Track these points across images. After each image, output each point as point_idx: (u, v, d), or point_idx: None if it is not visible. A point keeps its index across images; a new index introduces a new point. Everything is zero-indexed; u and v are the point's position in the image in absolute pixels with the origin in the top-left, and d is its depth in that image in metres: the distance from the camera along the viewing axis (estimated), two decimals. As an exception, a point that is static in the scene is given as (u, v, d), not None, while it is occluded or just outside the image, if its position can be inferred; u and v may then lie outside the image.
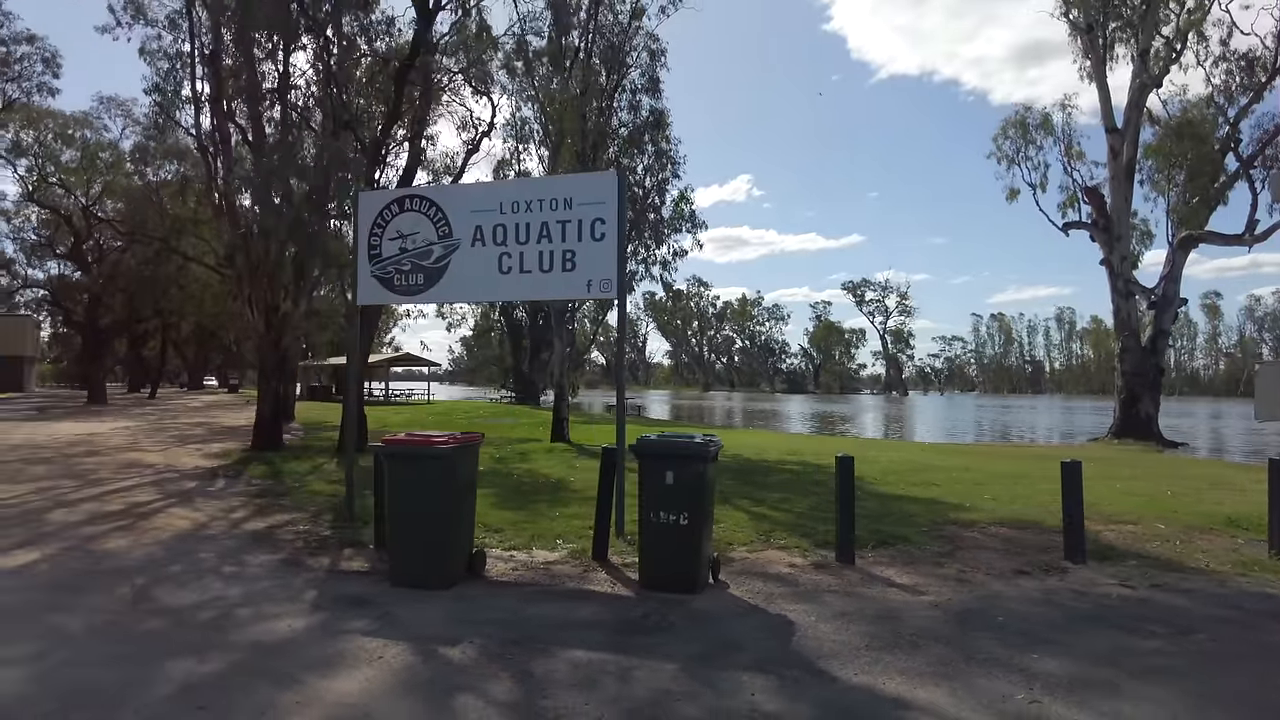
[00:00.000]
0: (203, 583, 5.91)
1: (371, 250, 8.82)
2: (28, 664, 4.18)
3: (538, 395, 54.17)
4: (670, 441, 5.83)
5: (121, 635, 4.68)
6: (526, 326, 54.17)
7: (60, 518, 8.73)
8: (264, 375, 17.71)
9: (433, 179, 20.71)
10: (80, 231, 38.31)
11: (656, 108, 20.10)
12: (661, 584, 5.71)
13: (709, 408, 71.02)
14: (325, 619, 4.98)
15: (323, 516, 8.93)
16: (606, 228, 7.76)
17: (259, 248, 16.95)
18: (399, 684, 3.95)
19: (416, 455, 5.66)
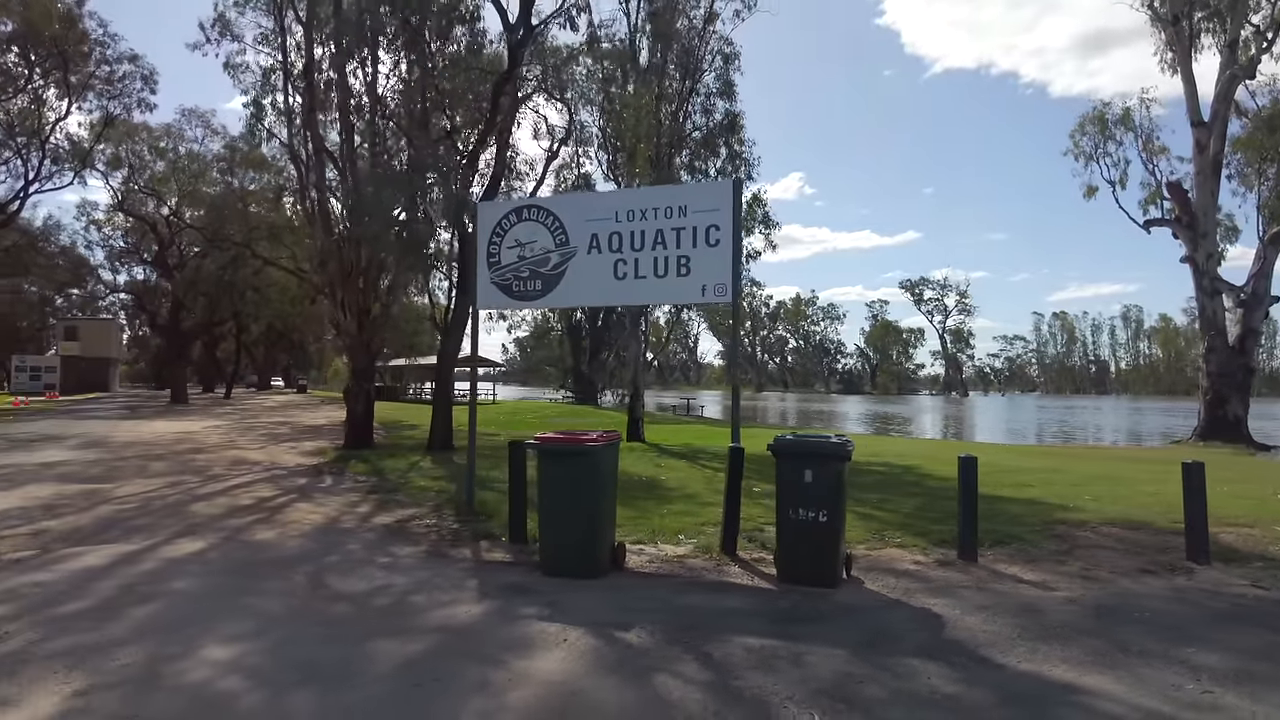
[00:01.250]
0: (364, 572, 6.33)
1: (490, 258, 9.24)
2: (252, 640, 4.60)
3: (596, 395, 54.78)
4: (809, 441, 6.08)
5: (318, 618, 5.10)
6: (585, 328, 54.82)
7: (201, 510, 9.33)
8: (356, 376, 18.37)
9: (512, 185, 21.22)
10: (164, 238, 39.94)
11: (731, 110, 20.30)
12: (800, 578, 5.95)
13: (766, 408, 70.88)
14: (498, 606, 5.33)
15: (443, 511, 9.36)
16: (721, 233, 8.01)
17: (352, 254, 17.63)
18: (594, 664, 4.27)
19: (569, 453, 6.01)
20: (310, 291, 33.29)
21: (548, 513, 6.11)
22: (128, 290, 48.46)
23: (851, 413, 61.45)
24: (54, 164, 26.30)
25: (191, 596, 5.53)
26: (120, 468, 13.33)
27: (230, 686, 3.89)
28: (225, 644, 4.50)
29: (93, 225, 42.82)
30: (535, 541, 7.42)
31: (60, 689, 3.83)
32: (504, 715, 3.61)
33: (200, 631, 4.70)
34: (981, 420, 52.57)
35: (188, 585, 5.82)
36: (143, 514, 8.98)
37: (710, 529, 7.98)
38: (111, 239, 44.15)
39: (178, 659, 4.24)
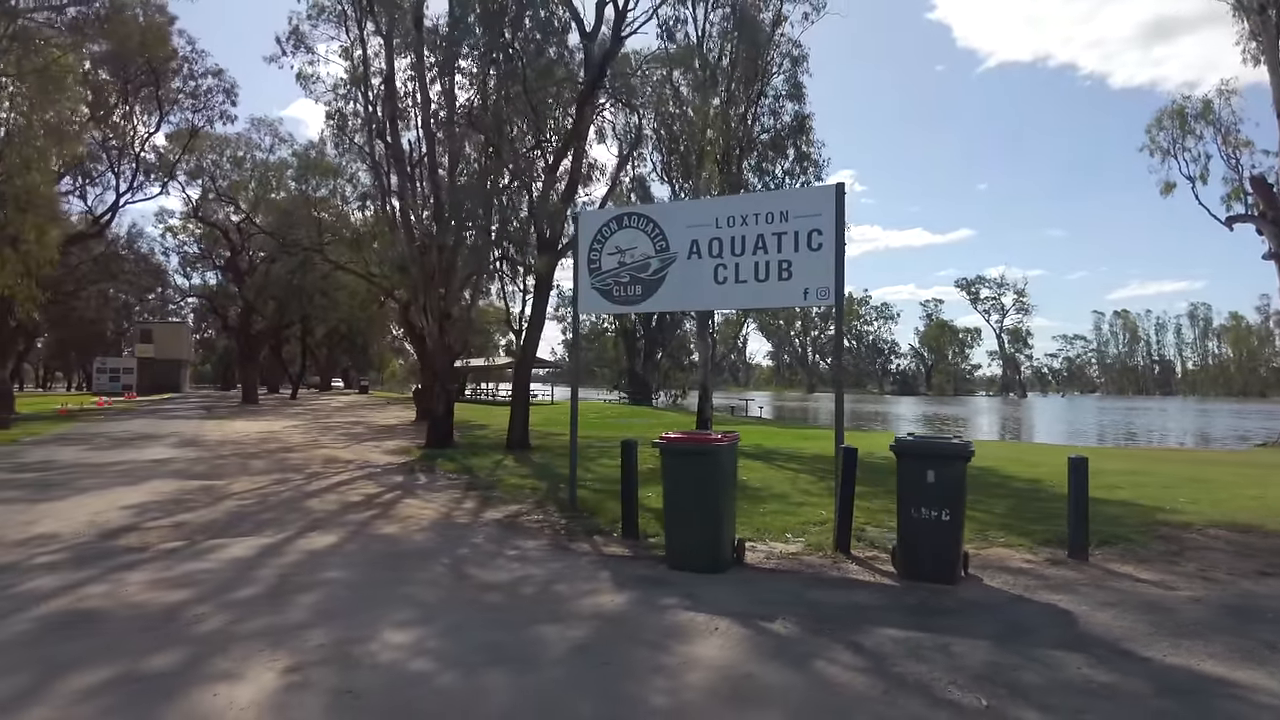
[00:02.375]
0: (499, 564, 6.67)
1: (591, 264, 9.56)
2: (423, 625, 4.94)
3: (650, 396, 55.07)
4: (931, 442, 6.25)
5: (476, 605, 5.43)
6: (640, 330, 55.15)
7: (318, 506, 9.81)
8: (438, 377, 18.90)
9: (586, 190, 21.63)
10: (235, 244, 41.30)
11: (800, 113, 20.41)
12: (921, 575, 6.11)
13: (818, 409, 70.39)
14: (638, 596, 5.61)
15: (545, 507, 9.69)
16: (824, 238, 8.18)
17: (434, 259, 18.16)
18: (753, 651, 4.52)
19: (696, 452, 6.27)
20: (379, 295, 34.15)
21: (674, 509, 6.37)
22: (200, 295, 50.21)
23: (909, 414, 60.70)
24: (144, 176, 27.55)
25: (348, 585, 5.91)
26: (223, 465, 13.98)
27: (423, 667, 4.21)
28: (401, 629, 4.85)
29: (168, 232, 44.44)
30: (648, 537, 7.75)
31: (272, 665, 4.20)
32: (688, 693, 3.88)
33: (373, 618, 5.06)
34: (1045, 422, 51.56)
35: (339, 575, 6.21)
36: (265, 509, 9.48)
37: (814, 528, 8.18)
38: (185, 245, 45.78)
39: (364, 641, 4.59)
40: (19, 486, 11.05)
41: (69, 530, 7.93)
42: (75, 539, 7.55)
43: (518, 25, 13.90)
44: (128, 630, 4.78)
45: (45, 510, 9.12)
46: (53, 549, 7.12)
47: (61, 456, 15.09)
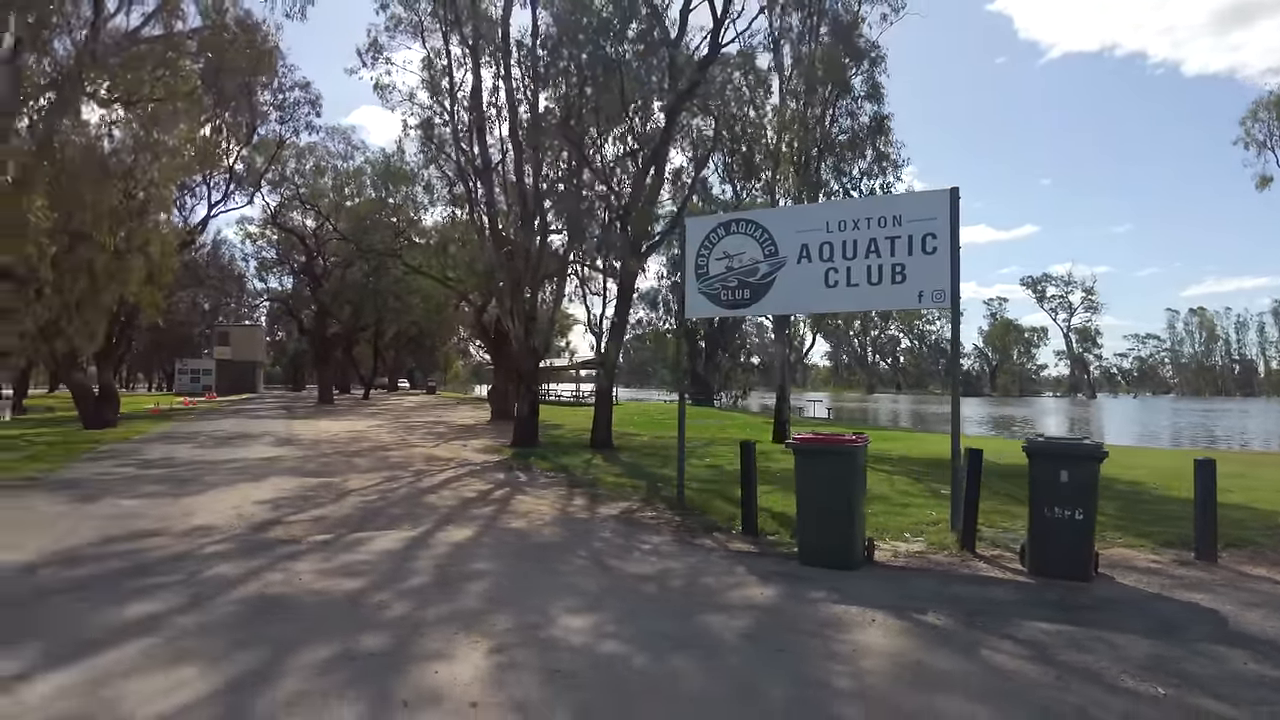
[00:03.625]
0: (635, 556, 6.99)
1: (699, 269, 9.83)
2: (594, 612, 5.27)
3: (712, 396, 55.20)
4: (1065, 443, 6.36)
5: (634, 595, 5.74)
6: (701, 330, 55.30)
7: (438, 501, 10.27)
8: (521, 378, 19.40)
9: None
10: (312, 249, 42.65)
11: (879, 113, 20.38)
12: (1053, 573, 6.23)
13: (878, 410, 69.57)
14: (785, 589, 5.86)
15: (653, 504, 9.99)
16: (938, 242, 8.31)
17: (520, 264, 18.66)
18: (917, 640, 4.73)
19: (832, 452, 6.49)
20: (454, 298, 34.97)
21: (808, 508, 6.60)
22: (277, 299, 51.99)
23: (975, 415, 59.60)
24: (236, 186, 28.80)
25: (504, 575, 6.27)
26: (330, 463, 14.62)
27: (614, 649, 4.53)
28: (574, 615, 5.18)
29: (247, 238, 46.11)
30: (768, 535, 7.98)
31: (474, 646, 4.56)
32: (869, 678, 4.12)
33: (543, 604, 5.40)
34: (1122, 423, 50.11)
35: (491, 566, 6.59)
36: (390, 505, 9.97)
37: (929, 528, 8.32)
38: (263, 250, 47.45)
39: (546, 626, 4.93)
40: (156, 481, 11.77)
41: (221, 523, 8.49)
42: (230, 531, 8.09)
43: (621, 39, 14.28)
44: (323, 615, 5.19)
45: (190, 504, 9.74)
46: (215, 539, 7.66)
47: (178, 454, 15.94)
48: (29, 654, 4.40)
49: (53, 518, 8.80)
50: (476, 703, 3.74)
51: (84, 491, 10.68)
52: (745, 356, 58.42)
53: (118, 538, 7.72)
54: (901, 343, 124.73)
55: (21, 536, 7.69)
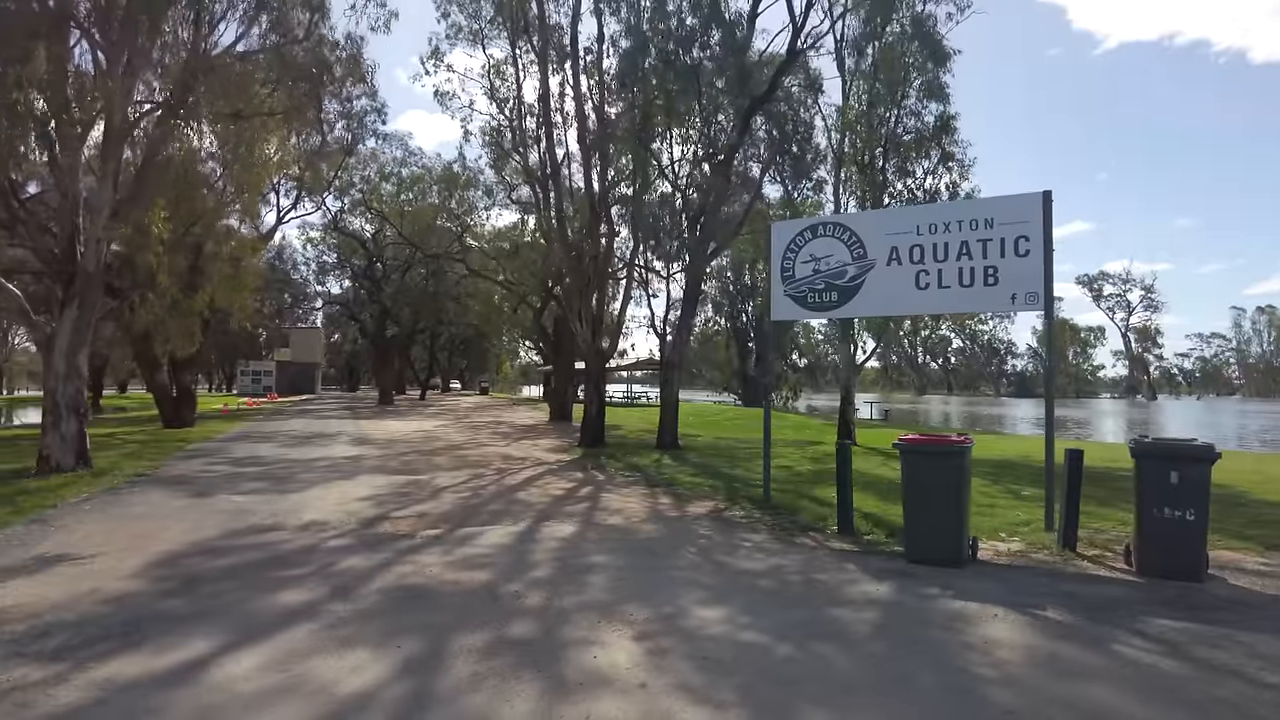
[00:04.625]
0: (741, 553, 7.20)
1: (784, 272, 10.01)
2: (722, 605, 5.49)
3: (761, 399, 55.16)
4: (1175, 444, 6.41)
5: (754, 589, 5.95)
6: (750, 331, 55.27)
7: (529, 499, 10.60)
8: (589, 379, 19.73)
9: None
10: (372, 253, 43.66)
11: (945, 113, 20.27)
12: (1164, 572, 6.28)
13: (929, 411, 68.72)
14: (900, 585, 6.02)
15: (738, 502, 10.18)
16: (1031, 244, 8.38)
17: (588, 268, 18.99)
18: (1044, 633, 4.87)
19: (941, 453, 6.64)
20: (513, 300, 35.54)
21: (916, 507, 6.74)
22: (337, 302, 53.28)
23: (1031, 416, 58.53)
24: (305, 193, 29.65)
25: (622, 569, 6.52)
26: (412, 462, 15.08)
27: (754, 639, 4.74)
28: (704, 607, 5.40)
29: (308, 243, 47.36)
30: (863, 534, 8.12)
31: (620, 634, 4.81)
32: (1009, 667, 4.28)
33: (671, 597, 5.64)
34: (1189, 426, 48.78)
35: (606, 560, 6.85)
36: (485, 502, 10.31)
37: (1022, 528, 8.39)
38: (324, 255, 48.69)
39: (681, 617, 5.17)
40: (255, 479, 12.30)
41: (333, 519, 8.89)
42: (343, 526, 8.49)
43: (705, 46, 14.52)
44: (465, 604, 5.49)
45: (295, 501, 10.20)
46: (332, 534, 8.05)
47: (263, 453, 16.56)
48: (214, 634, 4.76)
49: (178, 511, 9.30)
50: (645, 684, 3.99)
51: (194, 488, 11.23)
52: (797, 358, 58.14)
53: (242, 531, 8.16)
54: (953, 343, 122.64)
55: (162, 526, 8.18)
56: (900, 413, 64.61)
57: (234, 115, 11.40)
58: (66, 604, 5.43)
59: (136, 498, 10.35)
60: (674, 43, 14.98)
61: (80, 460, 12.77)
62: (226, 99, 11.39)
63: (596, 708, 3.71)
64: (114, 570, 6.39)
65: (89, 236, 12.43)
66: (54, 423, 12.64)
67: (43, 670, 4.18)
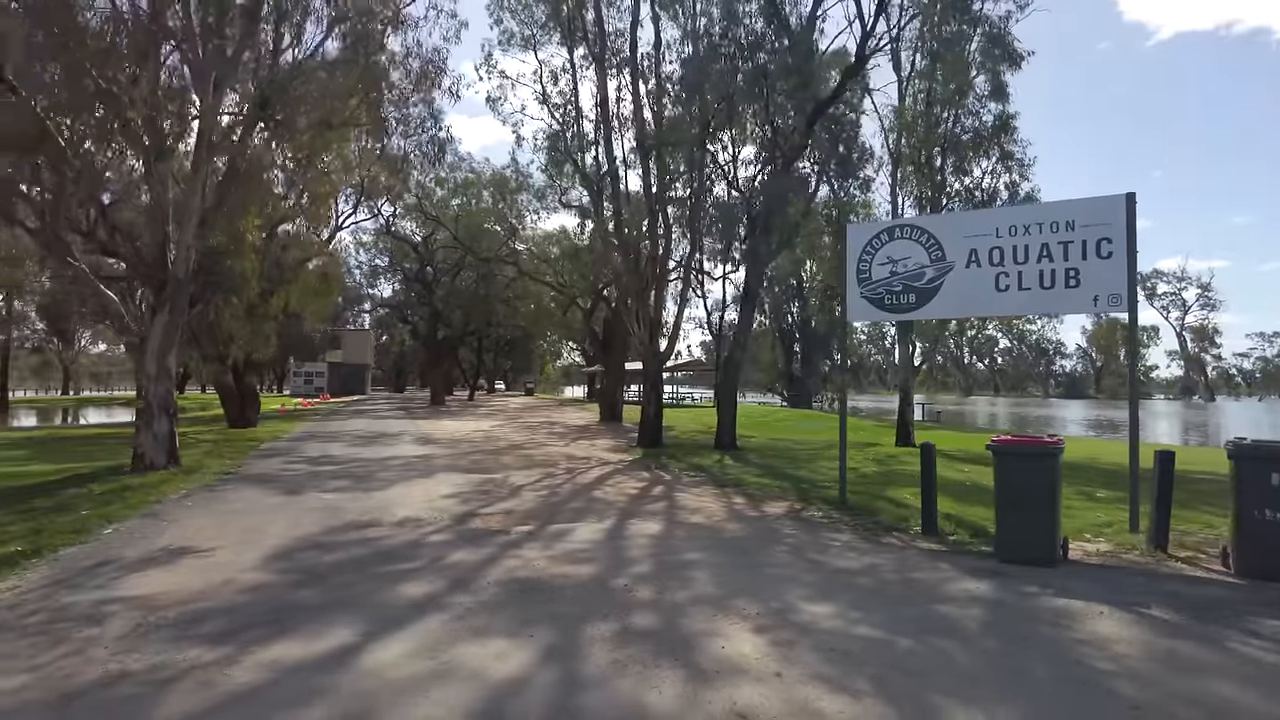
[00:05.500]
0: (832, 552, 7.35)
1: (860, 274, 10.12)
2: (830, 601, 5.66)
3: (809, 399, 54.88)
4: (1275, 446, 6.41)
5: (854, 587, 6.11)
6: (797, 332, 55.10)
7: (606, 497, 10.85)
8: (647, 380, 19.96)
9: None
10: (424, 257, 44.43)
11: (1004, 112, 20.16)
12: (1265, 574, 6.29)
13: (975, 413, 67.78)
14: (999, 584, 6.14)
15: (813, 503, 10.30)
16: (1114, 246, 8.40)
17: (647, 271, 19.22)
18: (1154, 631, 4.97)
19: (1033, 453, 6.73)
20: (564, 302, 35.95)
21: (1009, 507, 6.84)
22: (388, 304, 54.32)
23: (1081, 417, 57.43)
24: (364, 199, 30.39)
25: (720, 566, 6.72)
26: (481, 461, 15.44)
27: (870, 633, 4.91)
28: (812, 603, 5.58)
29: (360, 247, 48.35)
30: (948, 534, 8.21)
31: (739, 626, 5.01)
32: (1127, 662, 4.40)
33: (777, 593, 5.82)
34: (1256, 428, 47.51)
35: (702, 557, 7.05)
36: (564, 500, 10.58)
37: (1107, 529, 8.41)
38: (375, 258, 49.67)
39: (793, 611, 5.35)
40: (335, 477, 12.73)
41: (425, 515, 9.22)
42: (438, 522, 8.81)
43: (774, 52, 14.69)
44: (580, 597, 5.73)
45: (383, 498, 10.57)
46: (430, 530, 8.37)
47: (334, 452, 17.06)
48: (354, 623, 5.07)
49: (274, 507, 9.72)
50: (779, 674, 4.18)
51: (282, 486, 11.68)
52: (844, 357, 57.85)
53: (341, 527, 8.51)
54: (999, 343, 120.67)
55: (266, 522, 8.58)
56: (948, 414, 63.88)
57: (324, 124, 11.88)
58: (208, 593, 5.79)
59: (232, 495, 10.81)
60: (737, 47, 15.16)
61: (171, 459, 13.33)
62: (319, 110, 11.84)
63: (739, 694, 3.92)
64: (237, 563, 6.76)
65: (179, 243, 13.00)
66: (147, 422, 13.21)
67: (212, 652, 4.51)
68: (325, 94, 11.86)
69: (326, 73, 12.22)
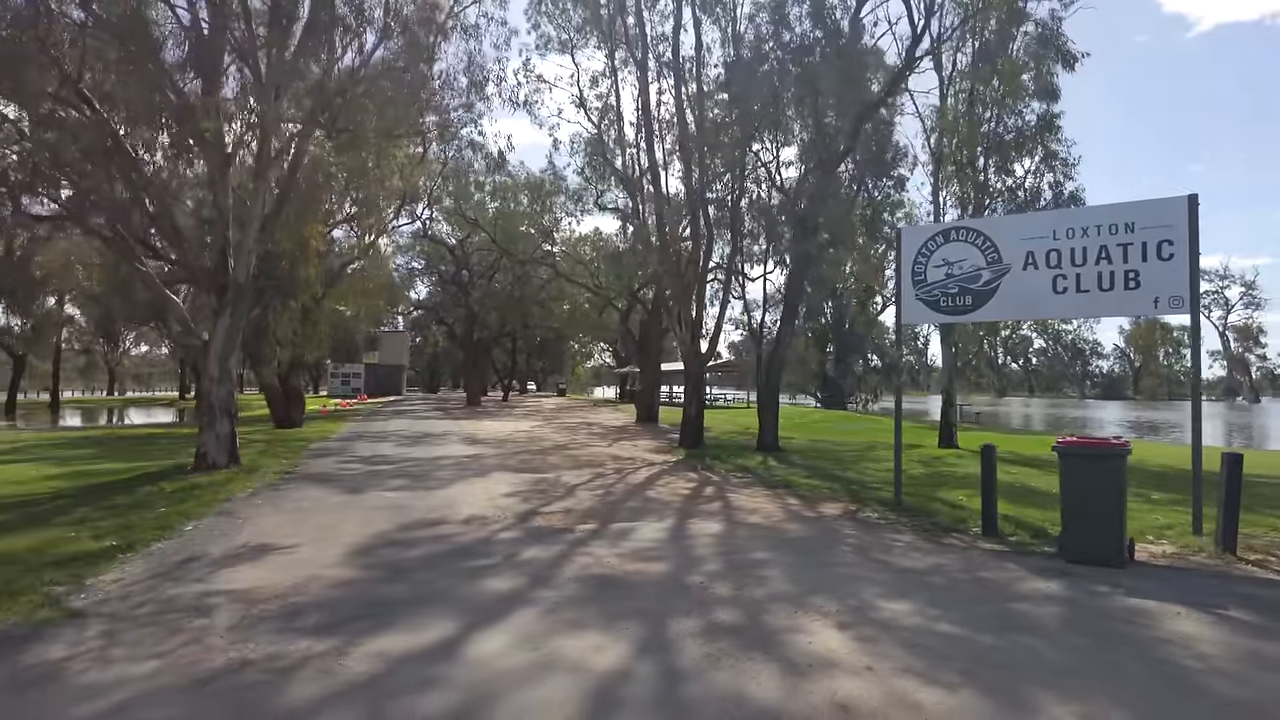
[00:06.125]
0: (897, 552, 7.46)
1: (915, 277, 10.20)
2: (905, 599, 5.77)
3: (844, 400, 54.67)
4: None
5: (926, 585, 6.22)
6: (831, 333, 54.89)
7: (660, 497, 11.02)
8: (689, 382, 20.11)
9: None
10: (460, 260, 44.94)
11: (1049, 111, 20.05)
12: (1338, 575, 6.31)
13: (1015, 414, 67.01)
14: (1069, 583, 6.21)
15: (867, 504, 10.38)
16: (1175, 248, 8.41)
17: (689, 273, 19.37)
18: (1236, 632, 5.03)
19: (1100, 455, 6.79)
20: (600, 303, 36.23)
21: (1076, 507, 6.90)
22: (424, 306, 54.99)
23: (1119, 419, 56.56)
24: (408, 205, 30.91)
25: (789, 565, 6.85)
26: (531, 461, 15.68)
27: (949, 630, 5.03)
28: (888, 600, 5.71)
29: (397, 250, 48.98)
30: (1008, 535, 8.26)
31: (821, 622, 5.15)
32: (1214, 660, 4.48)
33: (853, 591, 5.95)
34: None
35: (769, 556, 7.19)
36: (620, 499, 10.76)
37: (1168, 531, 8.41)
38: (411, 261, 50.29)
39: (869, 609, 5.48)
40: (393, 476, 13.03)
41: (488, 514, 9.45)
42: (503, 520, 9.03)
43: (825, 57, 14.80)
44: (659, 593, 5.90)
45: (444, 497, 10.83)
46: (497, 528, 8.60)
47: (385, 452, 17.41)
48: (449, 617, 5.28)
49: (340, 506, 10.02)
50: (871, 667, 4.32)
51: (343, 485, 11.98)
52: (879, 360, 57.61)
53: (411, 525, 8.76)
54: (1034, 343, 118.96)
55: (337, 520, 8.86)
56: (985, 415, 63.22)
57: (385, 134, 12.23)
58: (300, 587, 6.04)
59: (297, 493, 11.13)
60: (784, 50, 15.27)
61: (232, 458, 13.72)
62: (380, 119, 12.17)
63: (837, 686, 4.06)
64: (320, 559, 7.02)
65: (240, 249, 13.39)
66: (209, 423, 13.61)
67: (321, 644, 4.74)
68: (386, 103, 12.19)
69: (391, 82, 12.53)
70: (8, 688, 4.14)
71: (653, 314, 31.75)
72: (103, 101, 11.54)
